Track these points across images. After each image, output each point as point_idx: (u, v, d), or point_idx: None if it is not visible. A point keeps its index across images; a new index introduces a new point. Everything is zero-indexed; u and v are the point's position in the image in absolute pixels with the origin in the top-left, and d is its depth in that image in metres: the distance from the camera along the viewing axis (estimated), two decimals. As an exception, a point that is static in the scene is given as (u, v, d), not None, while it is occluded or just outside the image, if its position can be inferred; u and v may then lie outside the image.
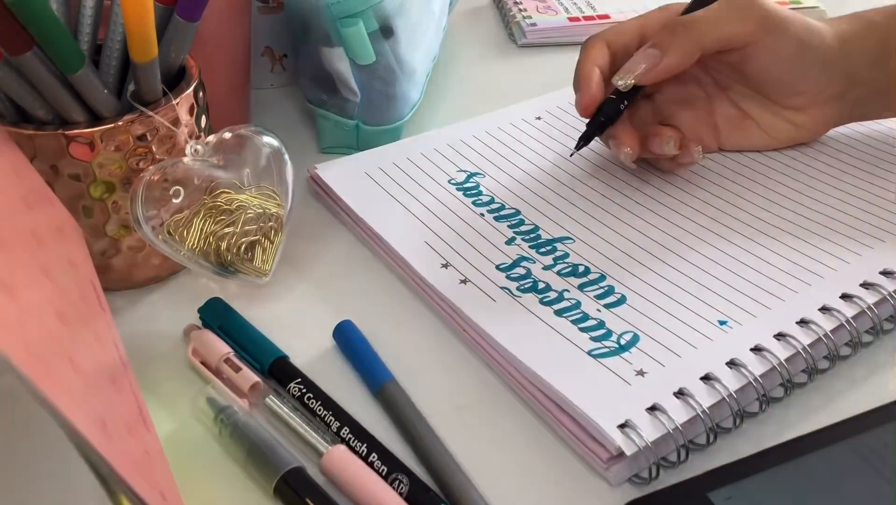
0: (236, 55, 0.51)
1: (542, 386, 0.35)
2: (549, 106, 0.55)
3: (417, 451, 0.33)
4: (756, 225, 0.43)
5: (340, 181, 0.48)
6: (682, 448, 0.33)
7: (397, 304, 0.41)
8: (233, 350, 0.37)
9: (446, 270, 0.41)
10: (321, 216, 0.48)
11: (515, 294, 0.40)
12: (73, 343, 0.27)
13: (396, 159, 0.50)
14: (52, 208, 0.35)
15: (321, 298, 0.42)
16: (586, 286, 0.40)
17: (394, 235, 0.43)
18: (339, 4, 0.46)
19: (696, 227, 0.44)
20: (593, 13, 0.68)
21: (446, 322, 0.40)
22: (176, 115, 0.39)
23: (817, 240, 0.42)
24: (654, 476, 0.32)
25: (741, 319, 0.37)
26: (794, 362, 0.36)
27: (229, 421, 0.33)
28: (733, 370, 0.35)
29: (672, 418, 0.33)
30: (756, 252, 0.41)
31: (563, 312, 0.38)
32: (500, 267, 0.41)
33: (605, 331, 0.37)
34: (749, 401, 0.35)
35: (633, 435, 0.32)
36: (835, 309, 0.37)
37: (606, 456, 0.32)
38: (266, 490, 0.32)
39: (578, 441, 0.33)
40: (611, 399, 0.34)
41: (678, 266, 0.41)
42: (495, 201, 0.46)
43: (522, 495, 0.32)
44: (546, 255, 0.42)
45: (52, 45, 0.35)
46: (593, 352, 0.36)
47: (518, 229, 0.44)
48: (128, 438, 0.26)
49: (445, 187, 0.47)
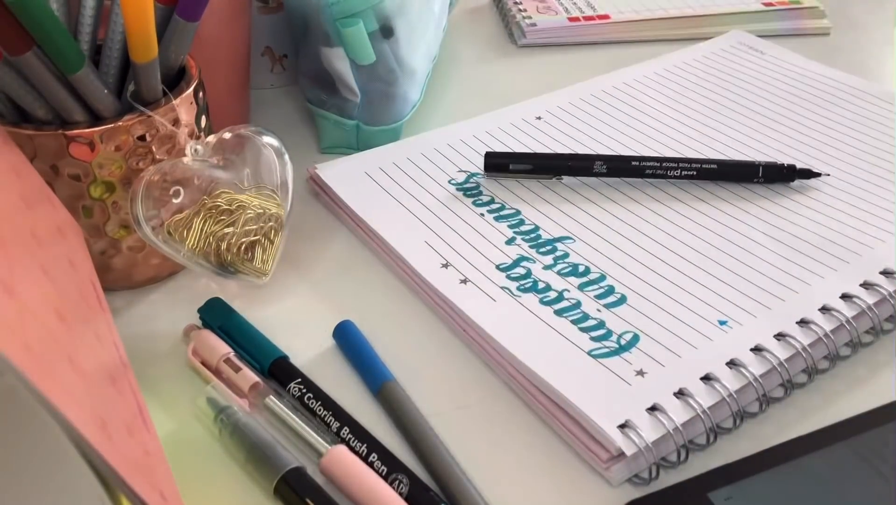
0: (236, 55, 0.51)
1: (542, 386, 0.35)
2: (550, 106, 0.55)
3: (417, 451, 0.33)
4: (757, 225, 0.44)
5: (340, 181, 0.48)
6: (682, 448, 0.33)
7: (397, 304, 0.41)
8: (233, 350, 0.37)
9: (446, 269, 0.41)
10: (321, 216, 0.48)
11: (515, 294, 0.40)
12: (73, 343, 0.27)
13: (396, 159, 0.50)
14: (52, 208, 0.35)
15: (321, 297, 0.42)
16: (586, 286, 0.40)
17: (394, 235, 0.43)
18: (339, 4, 0.46)
19: (697, 226, 0.44)
20: (593, 13, 0.68)
21: (446, 322, 0.40)
22: (176, 115, 0.39)
23: (818, 240, 0.42)
24: (655, 476, 0.32)
25: (741, 319, 0.37)
26: (793, 362, 0.36)
27: (229, 421, 0.33)
28: (733, 370, 0.35)
29: (672, 418, 0.33)
30: (757, 252, 0.41)
31: (563, 312, 0.38)
32: (501, 267, 0.41)
33: (605, 331, 0.37)
34: (749, 401, 0.35)
35: (633, 435, 0.32)
36: (835, 309, 0.37)
37: (606, 456, 0.32)
38: (266, 490, 0.32)
39: (578, 441, 0.33)
40: (611, 399, 0.34)
41: (678, 266, 0.41)
42: (495, 201, 0.46)
43: (522, 495, 0.32)
44: (546, 254, 0.42)
45: (52, 45, 0.35)
46: (593, 352, 0.36)
47: (518, 229, 0.44)
48: (128, 438, 0.26)
49: (445, 187, 0.47)
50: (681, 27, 0.67)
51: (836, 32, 0.68)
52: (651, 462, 0.32)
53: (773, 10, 0.68)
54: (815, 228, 0.43)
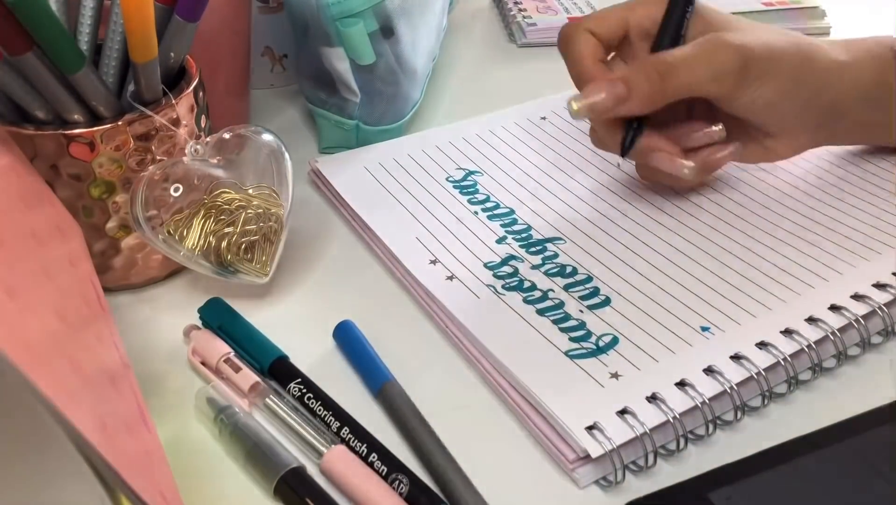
0: (236, 55, 0.51)
1: (515, 384, 0.35)
2: (556, 106, 0.55)
3: (417, 451, 0.33)
4: (750, 232, 0.43)
5: (339, 175, 0.48)
6: (652, 453, 0.32)
7: (397, 304, 0.41)
8: (232, 350, 0.37)
9: (434, 266, 0.41)
10: (321, 216, 0.48)
11: (500, 292, 0.40)
12: (73, 343, 0.27)
13: (397, 155, 0.50)
14: (52, 208, 0.35)
15: (321, 297, 0.42)
16: (572, 287, 0.40)
17: (386, 230, 0.44)
18: (339, 4, 0.46)
19: (689, 231, 0.43)
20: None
21: (432, 319, 0.40)
22: (176, 115, 0.39)
23: (811, 249, 0.41)
24: (621, 480, 0.32)
25: (724, 326, 0.37)
26: (774, 372, 0.35)
27: (229, 421, 0.33)
28: (710, 377, 0.34)
29: (641, 422, 0.32)
30: (746, 259, 0.41)
31: (545, 312, 0.38)
32: (488, 265, 0.41)
33: (584, 332, 0.37)
34: (725, 409, 0.34)
35: (600, 437, 0.32)
36: (821, 320, 0.36)
37: (573, 457, 0.32)
38: (266, 490, 0.32)
39: (548, 441, 0.33)
40: (581, 400, 0.33)
41: (667, 270, 0.41)
42: (491, 200, 0.46)
43: (522, 495, 0.32)
44: (535, 254, 0.42)
45: (52, 45, 0.35)
46: (570, 352, 0.36)
47: (510, 228, 0.44)
48: (128, 438, 0.26)
49: (442, 184, 0.47)
50: (681, 27, 0.67)
51: (836, 32, 0.68)
52: (618, 466, 0.32)
53: (773, 10, 0.68)
54: (810, 238, 0.42)
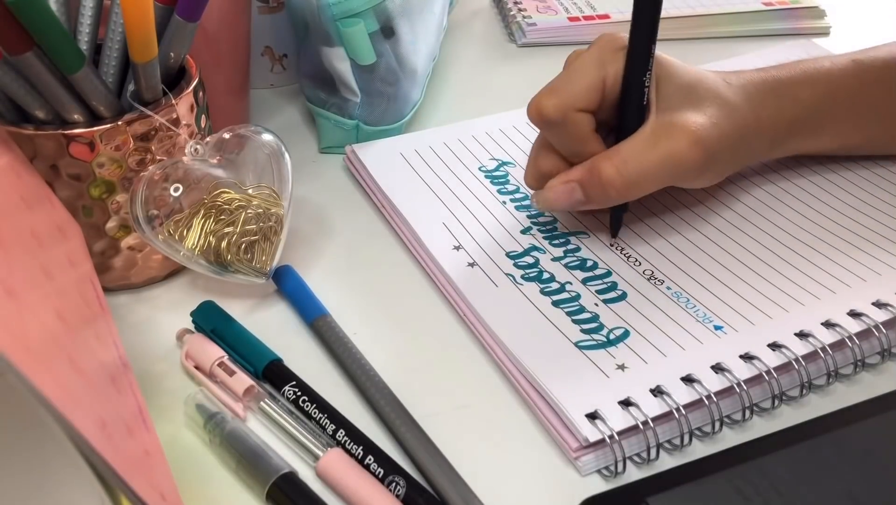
0: (236, 55, 0.51)
1: (523, 371, 0.35)
2: None
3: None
4: (773, 233, 0.43)
5: (373, 159, 0.49)
6: (655, 447, 0.32)
7: (396, 305, 0.41)
8: (226, 354, 0.37)
9: (457, 252, 0.42)
10: (321, 215, 0.48)
11: (518, 281, 0.40)
12: (73, 343, 0.27)
13: (433, 143, 0.51)
14: (52, 208, 0.35)
15: (323, 297, 0.42)
16: (590, 280, 0.40)
17: (414, 214, 0.44)
18: (339, 4, 0.46)
19: (712, 229, 0.44)
20: (593, 13, 0.68)
21: (450, 308, 0.40)
22: (176, 115, 0.39)
23: (835, 254, 0.41)
24: (621, 470, 0.32)
25: (739, 326, 0.37)
26: (787, 374, 0.35)
27: (218, 429, 0.33)
28: (718, 374, 0.34)
29: (643, 412, 0.33)
30: (768, 260, 0.41)
31: (560, 303, 0.39)
32: (510, 254, 0.42)
33: (597, 324, 0.38)
34: (735, 409, 0.34)
35: (601, 425, 0.32)
36: (839, 325, 0.36)
37: (576, 445, 0.33)
38: (259, 496, 0.32)
39: (553, 429, 0.34)
40: (585, 389, 0.34)
41: (686, 268, 0.41)
42: (520, 191, 0.47)
43: (525, 481, 0.32)
44: (558, 246, 0.43)
45: (52, 45, 0.35)
46: (580, 343, 0.36)
47: (536, 220, 0.44)
48: (128, 438, 0.26)
49: (474, 173, 0.48)
50: (681, 27, 0.67)
51: (836, 32, 0.68)
52: (620, 455, 0.32)
53: (773, 10, 0.67)
54: (834, 242, 0.42)
